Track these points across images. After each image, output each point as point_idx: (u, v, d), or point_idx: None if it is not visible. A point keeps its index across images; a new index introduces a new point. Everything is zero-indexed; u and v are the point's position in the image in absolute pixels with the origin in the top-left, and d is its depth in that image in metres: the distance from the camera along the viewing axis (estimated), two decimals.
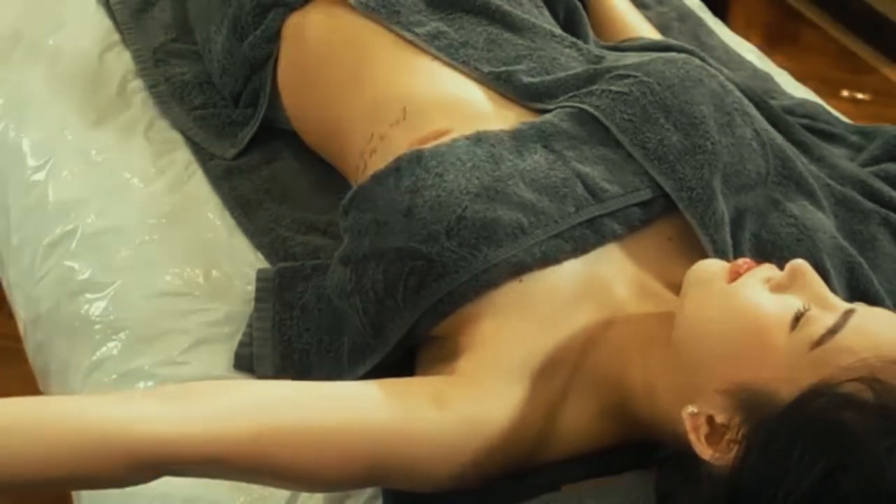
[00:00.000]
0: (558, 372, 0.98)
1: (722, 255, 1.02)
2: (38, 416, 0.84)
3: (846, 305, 0.88)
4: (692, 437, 0.88)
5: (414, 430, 0.91)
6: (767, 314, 0.88)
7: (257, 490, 1.06)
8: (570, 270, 1.02)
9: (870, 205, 1.17)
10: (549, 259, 1.01)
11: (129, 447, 0.83)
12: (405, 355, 1.06)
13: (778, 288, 0.91)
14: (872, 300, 1.07)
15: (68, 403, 0.89)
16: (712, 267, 0.95)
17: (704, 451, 0.87)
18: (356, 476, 0.92)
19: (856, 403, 0.80)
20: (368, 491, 1.05)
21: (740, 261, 0.94)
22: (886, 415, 0.79)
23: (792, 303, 0.88)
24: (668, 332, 0.95)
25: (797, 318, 0.87)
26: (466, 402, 0.94)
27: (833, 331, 0.85)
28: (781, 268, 1.04)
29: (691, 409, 0.88)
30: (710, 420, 0.88)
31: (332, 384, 0.96)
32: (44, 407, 0.86)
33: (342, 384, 0.96)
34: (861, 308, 0.88)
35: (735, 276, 0.92)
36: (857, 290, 1.07)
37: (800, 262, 0.91)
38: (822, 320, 0.86)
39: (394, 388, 0.95)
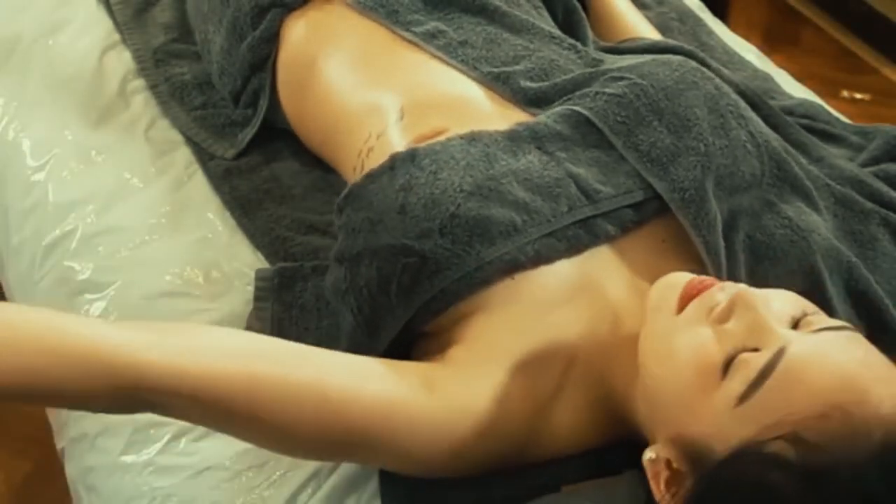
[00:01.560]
0: (549, 370, 0.98)
1: (715, 256, 1.02)
2: (34, 324, 0.85)
3: (781, 339, 0.85)
4: (652, 484, 0.88)
5: (400, 408, 0.92)
6: (699, 363, 0.88)
7: (257, 491, 1.07)
8: (563, 270, 1.02)
9: (869, 205, 1.17)
10: (542, 258, 1.01)
11: (112, 367, 0.84)
12: (401, 354, 1.07)
13: (718, 320, 0.89)
14: (871, 300, 1.07)
15: (64, 318, 0.89)
16: (667, 292, 0.94)
17: (662, 498, 0.87)
18: (332, 444, 0.92)
19: (781, 463, 0.79)
20: (369, 490, 1.05)
21: (695, 280, 0.93)
22: (809, 475, 0.78)
23: (726, 344, 0.87)
24: None
25: (727, 365, 0.86)
26: (455, 387, 0.94)
27: (757, 383, 0.84)
28: (776, 271, 1.04)
29: (650, 455, 0.89)
30: (668, 464, 0.88)
31: (325, 350, 0.96)
32: (40, 318, 0.88)
33: (336, 352, 0.97)
34: (795, 343, 0.84)
35: (686, 301, 0.92)
36: (857, 291, 1.07)
37: (740, 292, 0.89)
38: (750, 366, 0.85)
39: (387, 366, 0.96)
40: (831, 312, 1.03)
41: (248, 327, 1.18)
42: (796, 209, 1.09)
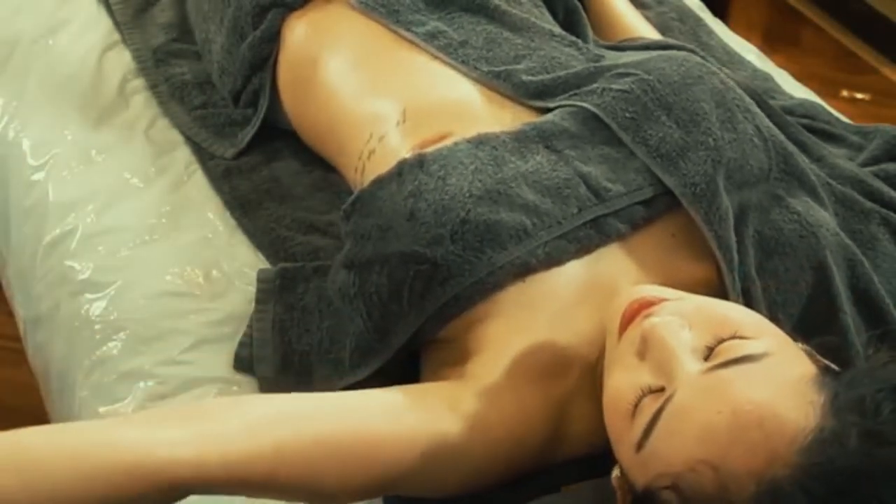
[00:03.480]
0: (567, 371, 0.98)
1: (726, 250, 1.02)
2: (62, 445, 0.82)
3: (676, 381, 0.84)
4: (619, 499, 0.88)
5: (434, 440, 0.91)
6: (616, 406, 0.88)
7: None
8: (574, 270, 1.02)
9: (869, 204, 1.16)
10: (553, 260, 1.01)
11: (152, 473, 0.81)
12: (408, 357, 1.06)
13: (638, 355, 0.89)
14: (873, 299, 1.07)
15: (88, 431, 0.86)
16: (614, 314, 0.93)
17: None
18: (375, 486, 0.91)
19: None
20: None
21: (635, 303, 0.92)
22: None
23: (636, 386, 0.87)
24: None
25: (635, 409, 0.86)
26: (479, 405, 0.94)
27: (647, 432, 0.84)
28: (785, 266, 1.04)
29: (615, 472, 0.89)
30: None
31: (348, 394, 0.95)
32: (68, 436, 0.84)
33: (358, 394, 0.95)
34: (682, 388, 0.84)
35: (625, 327, 0.92)
36: (858, 289, 1.07)
37: (652, 325, 0.88)
38: (644, 413, 0.85)
39: (410, 397, 0.94)
40: (837, 309, 1.03)
41: (250, 328, 1.18)
42: (804, 204, 1.09)
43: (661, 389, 0.85)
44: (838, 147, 1.31)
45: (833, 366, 0.88)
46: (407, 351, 1.04)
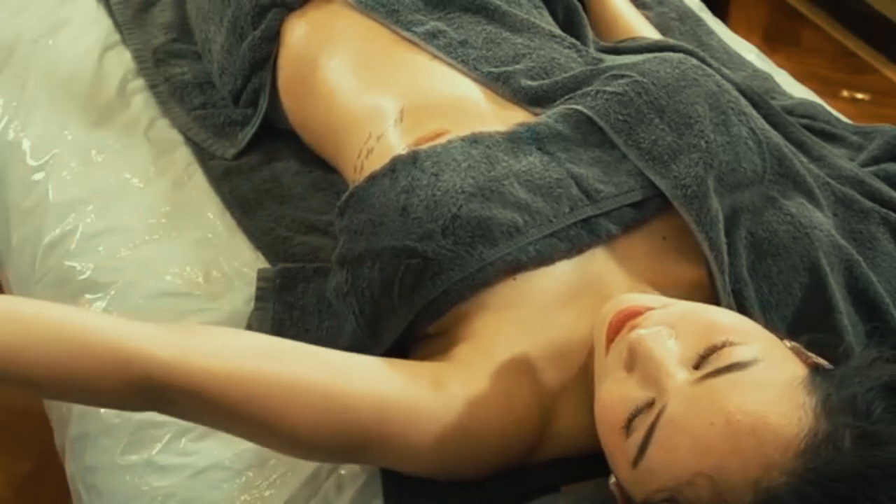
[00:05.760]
0: (555, 368, 0.98)
1: (717, 252, 1.02)
2: (55, 319, 0.85)
3: (666, 394, 0.84)
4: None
5: (411, 406, 0.92)
6: (608, 423, 0.88)
7: (257, 490, 1.07)
8: (564, 270, 1.02)
9: (869, 204, 1.16)
10: (545, 258, 1.01)
11: (126, 362, 0.84)
12: (400, 356, 1.06)
13: (626, 368, 0.89)
14: (871, 299, 1.07)
15: (81, 312, 0.90)
16: (601, 326, 0.94)
17: None
18: (343, 446, 0.92)
19: None
20: (370, 490, 1.05)
21: (621, 314, 0.92)
22: None
23: (627, 401, 0.87)
24: None
25: (628, 426, 0.86)
26: (462, 386, 0.94)
27: (642, 449, 0.84)
28: (778, 267, 1.04)
29: (612, 479, 0.90)
30: None
31: (340, 353, 0.96)
32: (58, 312, 0.87)
33: (350, 355, 0.96)
34: (672, 401, 0.84)
35: (611, 339, 0.92)
36: (856, 290, 1.07)
37: (638, 337, 0.88)
38: (639, 431, 0.85)
39: (396, 366, 0.95)
40: (832, 309, 1.03)
41: (249, 326, 1.18)
42: (799, 205, 1.09)
43: (652, 402, 0.85)
44: (838, 147, 1.31)
45: (823, 361, 0.88)
46: (398, 348, 1.04)
